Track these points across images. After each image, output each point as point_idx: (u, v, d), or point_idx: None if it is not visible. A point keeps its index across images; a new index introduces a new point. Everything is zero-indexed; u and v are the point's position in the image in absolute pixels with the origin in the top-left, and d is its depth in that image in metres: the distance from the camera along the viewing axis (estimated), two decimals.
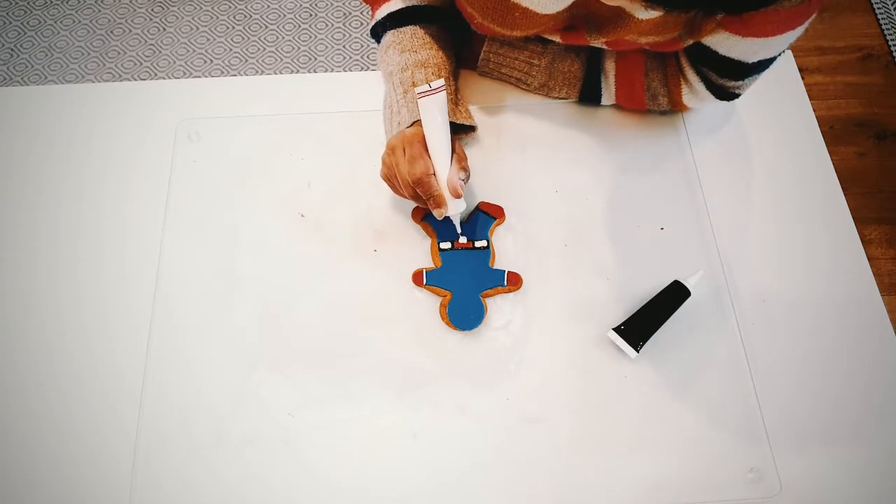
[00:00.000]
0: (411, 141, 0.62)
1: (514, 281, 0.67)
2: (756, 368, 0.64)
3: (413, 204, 0.71)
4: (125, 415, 0.62)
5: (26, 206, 0.72)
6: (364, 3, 0.75)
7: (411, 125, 0.65)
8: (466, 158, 0.66)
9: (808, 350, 0.65)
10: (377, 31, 0.73)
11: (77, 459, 0.60)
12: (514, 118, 0.77)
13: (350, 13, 1.73)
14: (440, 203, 0.63)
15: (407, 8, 0.71)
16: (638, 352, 0.63)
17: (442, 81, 0.61)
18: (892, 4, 1.78)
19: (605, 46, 0.67)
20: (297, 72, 1.65)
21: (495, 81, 0.79)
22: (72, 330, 0.65)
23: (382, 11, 0.72)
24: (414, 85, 0.67)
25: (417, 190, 0.62)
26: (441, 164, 0.62)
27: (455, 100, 0.71)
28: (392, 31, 0.70)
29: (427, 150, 0.62)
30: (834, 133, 1.61)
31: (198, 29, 1.73)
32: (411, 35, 0.70)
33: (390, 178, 0.64)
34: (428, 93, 0.61)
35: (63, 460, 0.60)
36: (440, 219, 0.65)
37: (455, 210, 0.64)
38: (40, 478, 0.59)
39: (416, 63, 0.68)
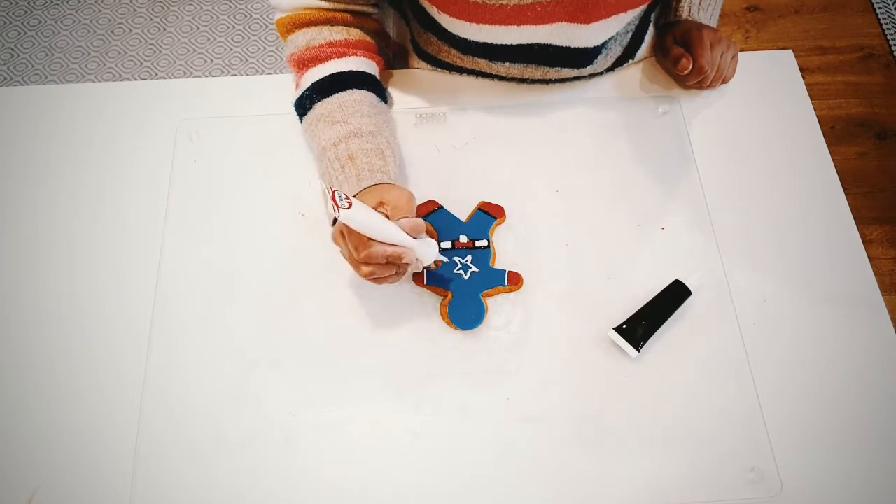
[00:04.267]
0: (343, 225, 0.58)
1: (515, 280, 0.67)
2: (757, 368, 0.64)
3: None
4: (125, 414, 0.62)
5: (26, 205, 0.72)
6: (290, 67, 0.73)
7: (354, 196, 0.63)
8: (413, 204, 0.62)
9: (809, 349, 0.65)
10: (303, 103, 0.70)
11: (77, 460, 0.60)
12: (513, 118, 0.77)
13: None
14: (400, 257, 0.58)
15: (332, 76, 0.69)
16: (639, 351, 0.63)
17: (323, 185, 0.57)
18: (892, 4, 1.78)
19: None
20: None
21: (494, 82, 0.79)
22: (72, 330, 0.65)
23: (307, 80, 0.70)
24: (350, 158, 0.64)
25: (371, 263, 0.58)
26: (388, 234, 0.57)
27: (385, 159, 0.66)
28: (319, 103, 0.68)
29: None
30: (835, 133, 1.61)
31: (198, 29, 1.73)
32: (339, 105, 0.67)
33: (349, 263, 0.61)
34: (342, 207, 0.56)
35: (63, 461, 0.60)
36: (420, 270, 0.65)
37: (428, 255, 0.61)
38: (41, 478, 0.59)
39: (347, 134, 0.66)
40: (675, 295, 0.66)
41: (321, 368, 0.64)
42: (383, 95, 0.73)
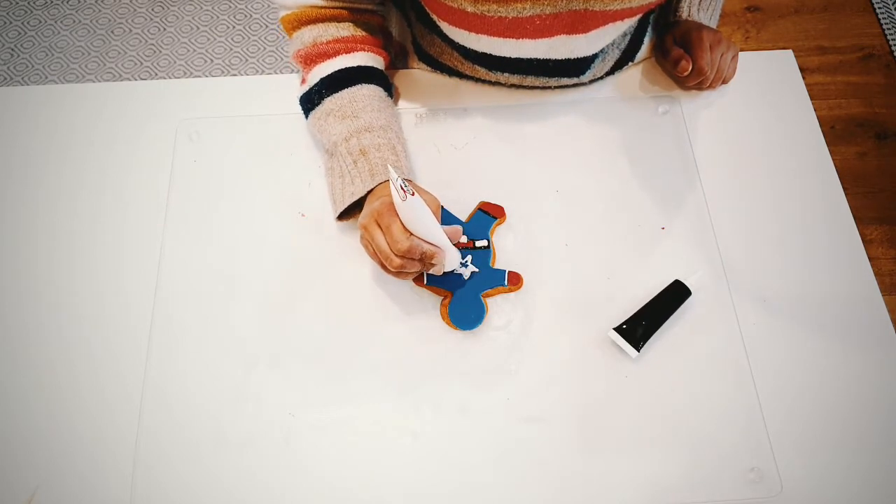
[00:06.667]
0: (381, 212, 0.59)
1: (515, 280, 0.67)
2: (757, 368, 0.64)
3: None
4: (125, 414, 0.62)
5: (26, 205, 0.72)
6: (296, 63, 0.73)
7: (366, 195, 0.64)
8: (439, 204, 0.63)
9: (809, 350, 0.65)
10: (311, 98, 0.70)
11: (77, 460, 0.60)
12: (514, 118, 0.77)
13: None
14: (433, 257, 0.59)
15: (341, 71, 0.68)
16: (639, 351, 0.63)
17: (393, 173, 0.56)
18: (892, 4, 1.78)
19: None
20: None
21: (494, 87, 0.79)
22: (71, 330, 0.65)
23: (314, 76, 0.69)
24: (362, 153, 0.65)
25: (406, 257, 0.59)
26: (433, 233, 0.59)
27: (397, 153, 0.67)
28: (329, 98, 0.68)
29: (398, 216, 0.58)
30: (835, 133, 1.61)
31: (198, 29, 1.73)
32: (350, 100, 0.67)
33: (373, 256, 0.61)
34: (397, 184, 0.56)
35: (63, 461, 0.60)
36: (440, 274, 0.64)
37: (451, 262, 0.62)
38: (41, 478, 0.59)
39: (359, 129, 0.66)
40: (675, 295, 0.66)
41: (321, 368, 0.64)
42: (390, 90, 0.73)
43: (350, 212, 0.67)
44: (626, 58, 0.79)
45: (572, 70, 0.74)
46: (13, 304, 0.67)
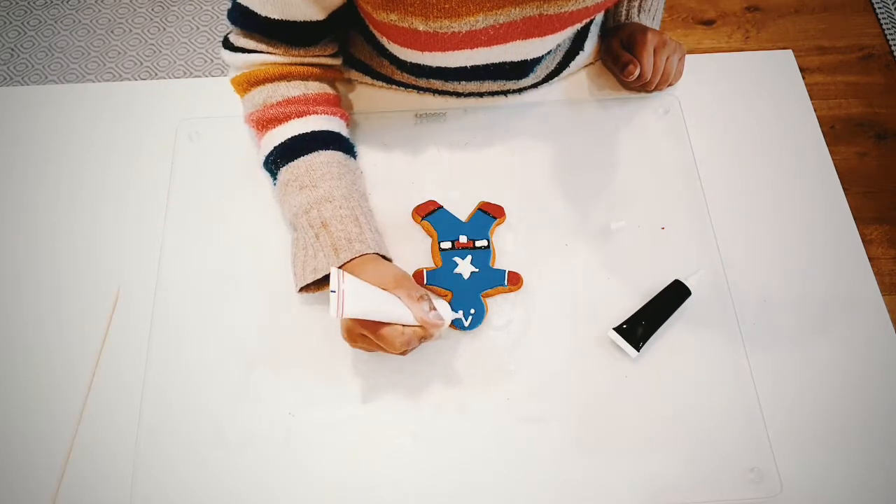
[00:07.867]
0: (364, 325, 0.57)
1: (515, 280, 0.67)
2: (757, 368, 0.64)
3: (412, 202, 0.71)
4: (125, 415, 0.62)
5: (26, 206, 0.72)
6: (249, 127, 0.69)
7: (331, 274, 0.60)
8: (409, 280, 0.60)
9: (809, 350, 0.65)
10: (269, 167, 0.67)
11: (77, 459, 0.60)
12: (513, 118, 0.77)
13: None
14: (431, 330, 0.58)
15: (293, 138, 0.65)
16: (638, 351, 0.63)
17: (336, 273, 0.55)
18: (892, 4, 1.78)
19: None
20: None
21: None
22: (71, 330, 0.65)
23: (267, 143, 0.67)
24: (324, 225, 0.62)
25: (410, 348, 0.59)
26: (398, 317, 0.57)
27: (360, 225, 0.63)
28: (285, 168, 0.65)
29: (371, 323, 0.57)
30: (835, 133, 1.61)
31: (198, 29, 1.73)
32: (306, 169, 0.64)
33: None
34: (338, 293, 0.55)
35: (63, 461, 0.60)
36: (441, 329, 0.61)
37: (447, 315, 0.60)
38: (40, 478, 0.59)
39: (319, 199, 0.63)
40: (675, 295, 0.66)
41: (321, 368, 0.64)
42: (351, 151, 0.70)
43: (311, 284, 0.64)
44: (575, 48, 0.77)
45: (513, 74, 0.72)
46: (13, 303, 0.67)
